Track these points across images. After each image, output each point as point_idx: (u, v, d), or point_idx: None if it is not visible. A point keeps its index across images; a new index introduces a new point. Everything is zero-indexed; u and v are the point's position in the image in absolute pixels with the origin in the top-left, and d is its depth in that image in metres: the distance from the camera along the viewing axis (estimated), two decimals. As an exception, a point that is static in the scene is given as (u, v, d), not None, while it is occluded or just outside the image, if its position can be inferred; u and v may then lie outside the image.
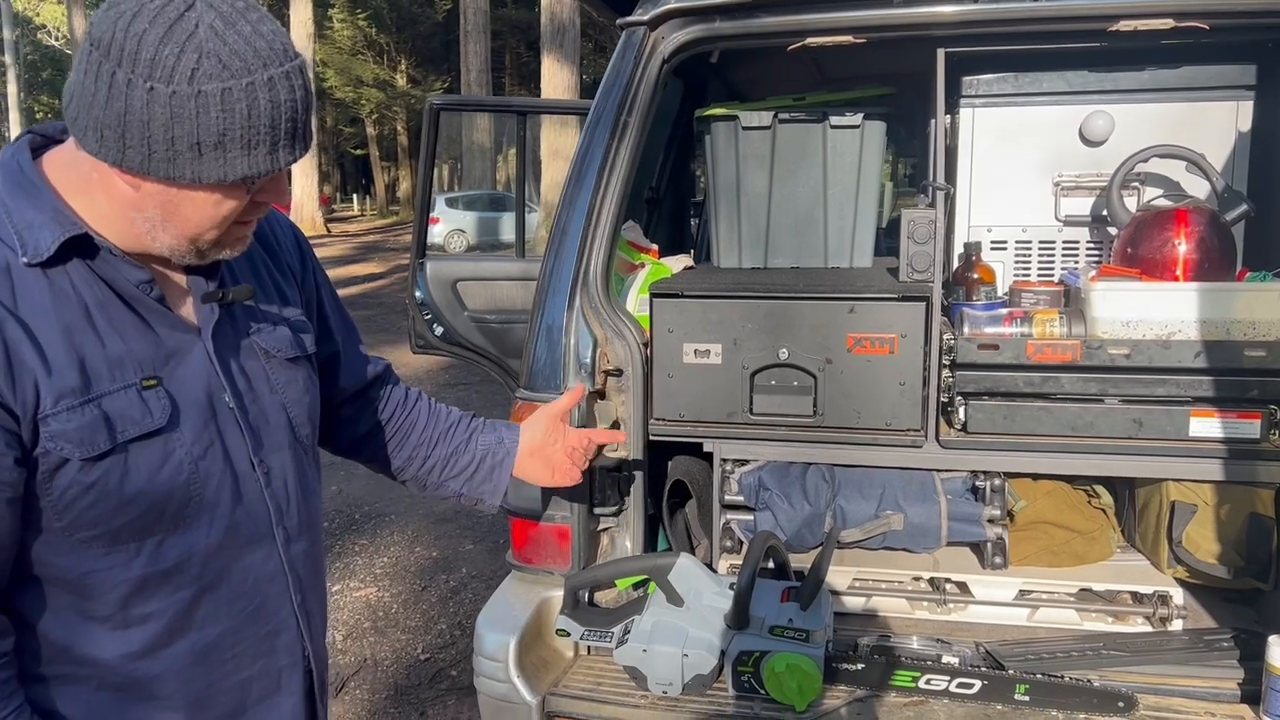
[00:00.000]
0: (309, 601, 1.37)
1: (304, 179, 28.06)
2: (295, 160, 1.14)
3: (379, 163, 42.83)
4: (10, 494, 1.08)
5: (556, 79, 14.51)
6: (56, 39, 40.06)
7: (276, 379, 1.32)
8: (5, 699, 1.09)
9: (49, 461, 1.08)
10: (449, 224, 20.17)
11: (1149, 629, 2.21)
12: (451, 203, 21.56)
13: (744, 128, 2.60)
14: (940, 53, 2.26)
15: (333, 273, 18.51)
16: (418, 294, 3.86)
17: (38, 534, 1.11)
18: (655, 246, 2.78)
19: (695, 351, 2.30)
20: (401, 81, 35.37)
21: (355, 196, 46.87)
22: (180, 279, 1.24)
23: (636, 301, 2.52)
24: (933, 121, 2.36)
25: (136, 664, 1.19)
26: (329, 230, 29.11)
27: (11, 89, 31.78)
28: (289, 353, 1.34)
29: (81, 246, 1.12)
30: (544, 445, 1.82)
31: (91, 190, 1.12)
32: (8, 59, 31.71)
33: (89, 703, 1.18)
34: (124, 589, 1.16)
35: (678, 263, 2.74)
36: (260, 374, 1.30)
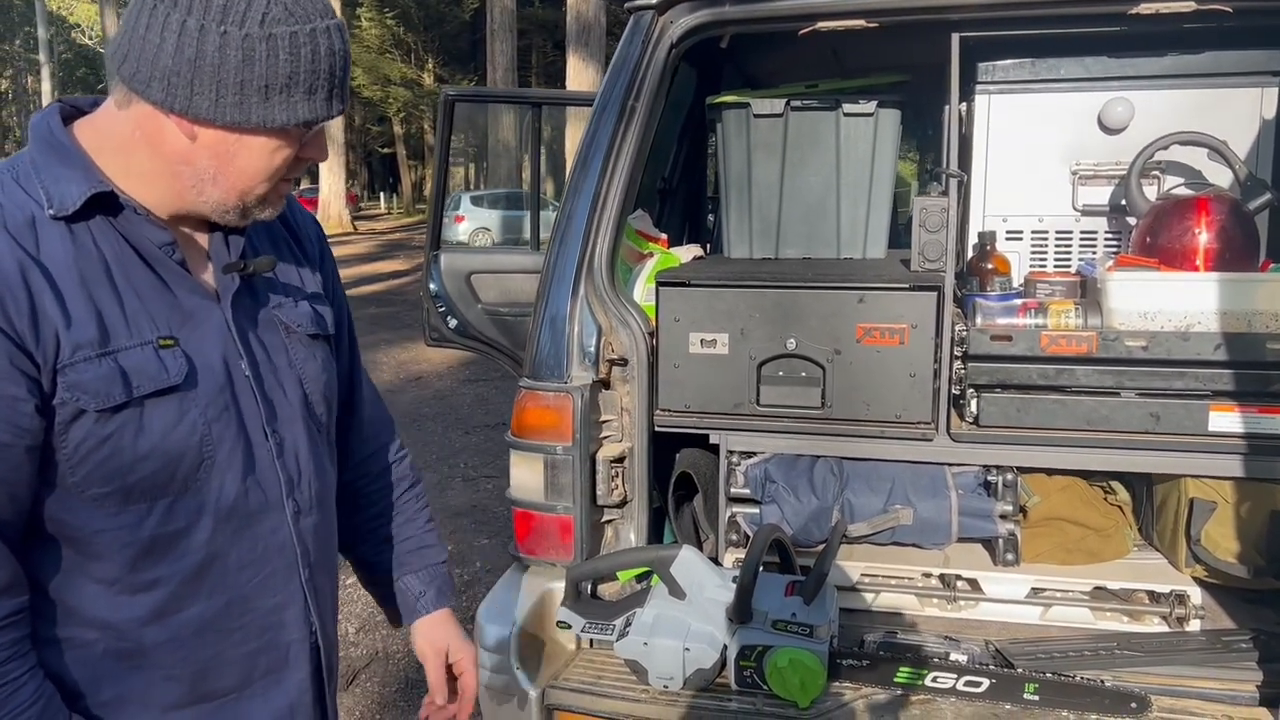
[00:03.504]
0: (318, 578, 1.35)
1: (332, 177, 28.27)
2: (343, 111, 1.18)
3: (405, 161, 43.06)
4: (30, 441, 1.08)
5: (582, 77, 14.51)
6: (90, 38, 40.55)
7: (295, 354, 1.32)
8: (21, 657, 1.10)
9: (65, 412, 1.09)
10: (474, 222, 20.23)
11: (1165, 629, 2.15)
12: (476, 201, 21.62)
13: (755, 115, 2.57)
14: (955, 37, 2.21)
15: (358, 269, 18.72)
16: (432, 286, 3.85)
17: (51, 490, 1.12)
18: (664, 236, 2.75)
19: (702, 341, 2.26)
20: (429, 80, 35.51)
21: (382, 195, 47.13)
22: (203, 245, 1.25)
23: (644, 291, 2.49)
24: (946, 108, 2.31)
25: (143, 629, 1.18)
26: (355, 228, 29.26)
27: (45, 86, 32.26)
28: (309, 329, 1.34)
29: (107, 204, 1.14)
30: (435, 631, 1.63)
31: (132, 149, 1.14)
32: (42, 57, 32.18)
33: (94, 668, 1.18)
34: (133, 550, 1.16)
35: (687, 252, 2.71)
36: (279, 347, 1.30)
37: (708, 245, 3.55)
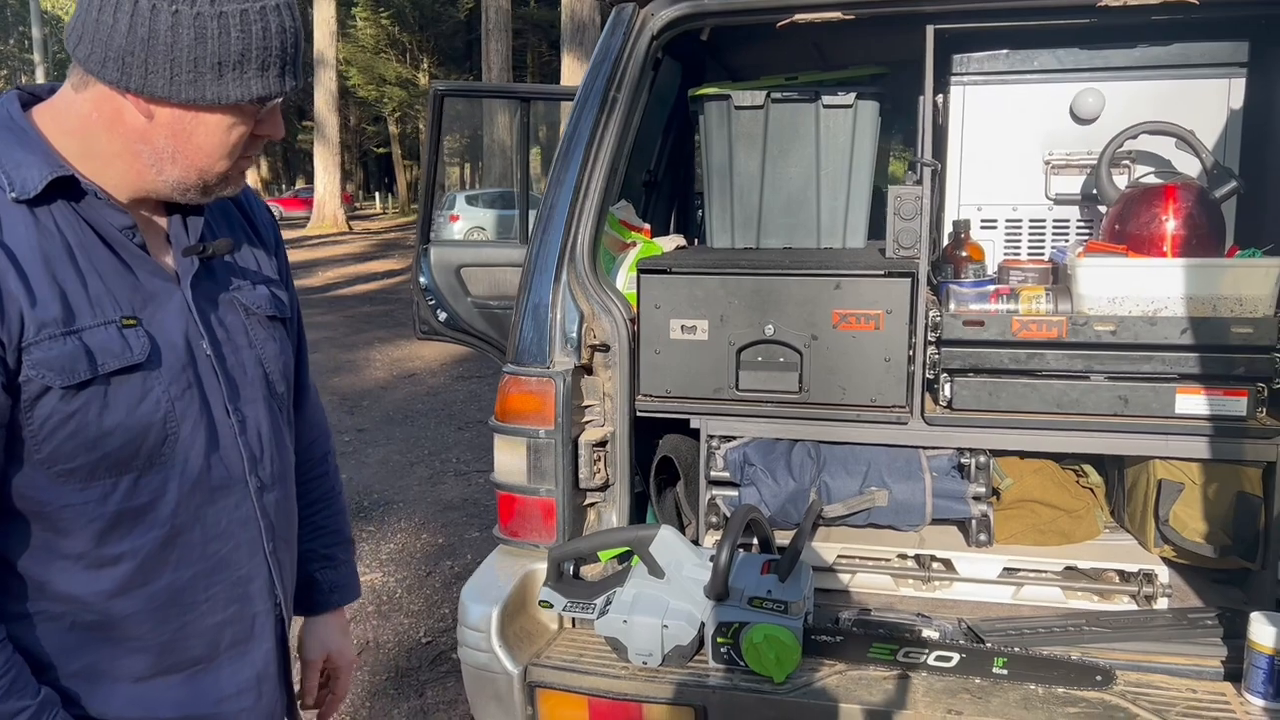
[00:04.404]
0: (281, 552, 1.39)
1: (327, 177, 28.27)
2: (297, 87, 1.20)
3: (401, 161, 43.02)
4: None
5: (577, 77, 14.53)
6: (85, 38, 40.41)
7: (255, 335, 1.35)
8: None
9: (31, 390, 1.11)
10: (469, 221, 20.21)
11: (1134, 607, 2.20)
12: (472, 200, 21.61)
13: (736, 107, 2.61)
14: (929, 29, 2.26)
15: (353, 269, 18.74)
16: (422, 280, 3.88)
17: (19, 467, 1.14)
18: (647, 226, 2.79)
19: (682, 327, 2.30)
20: (424, 80, 35.46)
21: (378, 195, 47.13)
22: (163, 229, 1.27)
23: (627, 279, 2.53)
24: (921, 99, 2.36)
25: (111, 602, 1.20)
26: (350, 228, 29.25)
27: (40, 86, 32.11)
28: (268, 310, 1.38)
29: (68, 188, 1.16)
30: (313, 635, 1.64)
31: (91, 132, 1.17)
32: (36, 57, 32.07)
33: (63, 640, 1.20)
34: (99, 524, 1.18)
35: (670, 242, 2.75)
36: (239, 328, 1.33)
37: (695, 240, 3.59)
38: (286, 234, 18.29)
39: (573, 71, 14.61)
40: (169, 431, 1.21)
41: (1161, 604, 2.18)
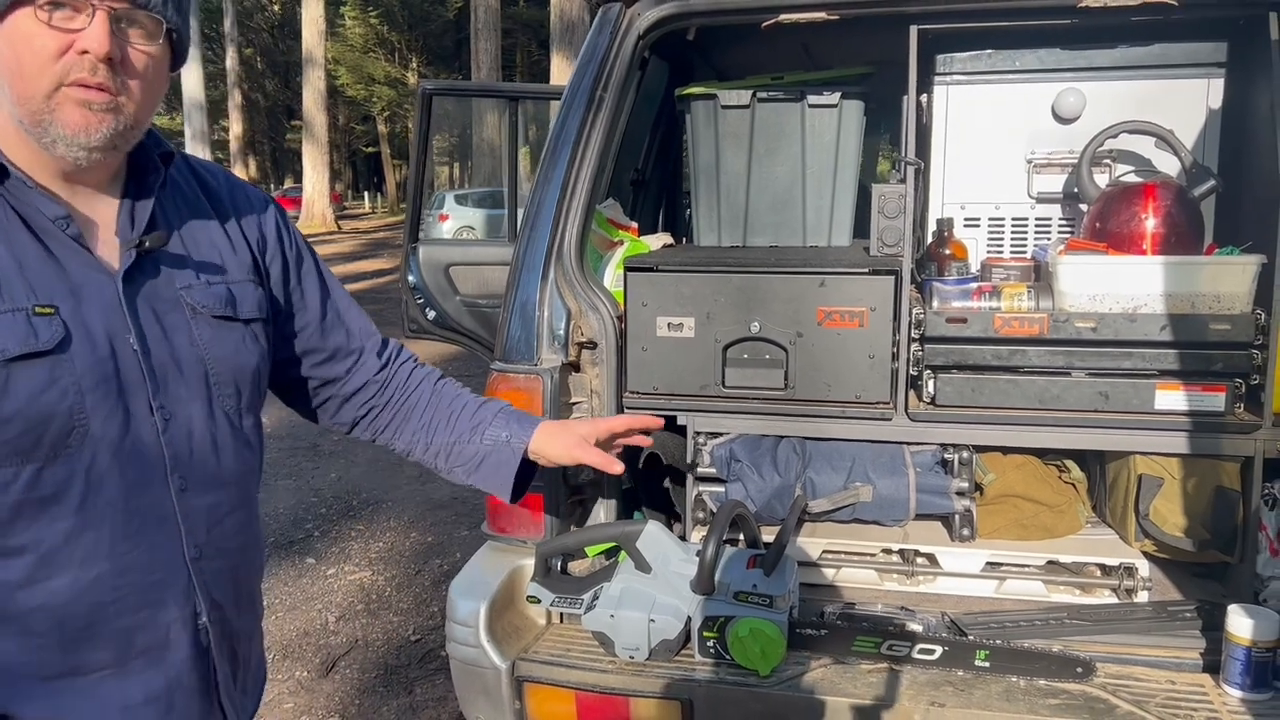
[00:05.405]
0: (213, 560, 1.33)
1: (316, 176, 28.21)
2: None
3: (390, 160, 42.96)
4: None
5: (566, 76, 14.34)
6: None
7: (200, 334, 1.31)
8: None
9: None
10: (458, 220, 20.20)
11: (1114, 600, 2.23)
12: (461, 200, 21.60)
13: (722, 106, 2.63)
14: (913, 30, 2.28)
15: (342, 268, 18.68)
16: (410, 278, 3.89)
17: None
18: (635, 224, 2.81)
19: (669, 325, 2.32)
20: (413, 79, 35.43)
21: (366, 194, 47.03)
22: (109, 223, 1.26)
23: (614, 277, 2.55)
24: (905, 98, 2.38)
25: (15, 594, 1.18)
26: (340, 227, 29.22)
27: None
28: (217, 310, 1.34)
29: None
30: (559, 433, 1.74)
31: None
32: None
33: None
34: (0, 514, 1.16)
35: (656, 240, 2.77)
36: (181, 327, 1.30)
37: (683, 239, 3.61)
38: (275, 233, 18.19)
39: (562, 71, 14.61)
40: (76, 423, 1.17)
41: (1142, 597, 2.21)
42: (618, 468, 1.74)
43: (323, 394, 1.63)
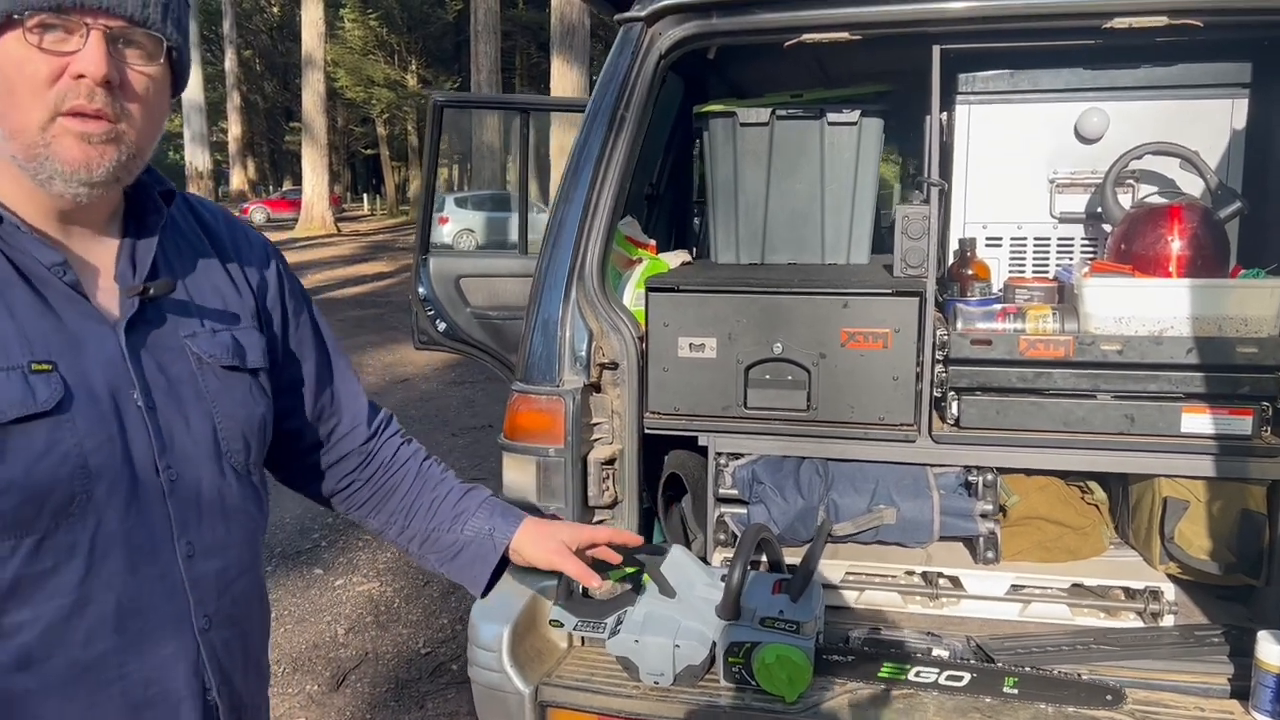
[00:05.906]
0: (221, 630, 1.24)
1: (315, 178, 28.18)
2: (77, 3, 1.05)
3: (389, 163, 42.95)
4: None
5: (566, 79, 14.52)
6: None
7: (207, 386, 1.22)
8: None
9: None
10: (458, 223, 20.23)
11: (1140, 624, 2.22)
12: (460, 203, 21.62)
13: (741, 124, 2.62)
14: (935, 50, 2.27)
15: (341, 271, 18.67)
16: (421, 290, 3.89)
17: None
18: (653, 242, 2.80)
19: (690, 345, 2.31)
20: (412, 82, 35.47)
21: (366, 196, 47.05)
22: (108, 267, 1.18)
23: (634, 296, 2.54)
24: (927, 118, 2.37)
25: (12, 676, 1.08)
26: (339, 230, 29.18)
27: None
28: (225, 360, 1.25)
29: None
30: (541, 539, 1.63)
31: None
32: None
33: None
34: None
35: (675, 258, 2.76)
36: (188, 378, 1.21)
37: (694, 250, 3.61)
38: (274, 236, 18.26)
39: (562, 74, 14.60)
40: (78, 490, 1.08)
41: (1168, 621, 2.20)
42: (595, 581, 1.64)
43: (304, 459, 1.50)
